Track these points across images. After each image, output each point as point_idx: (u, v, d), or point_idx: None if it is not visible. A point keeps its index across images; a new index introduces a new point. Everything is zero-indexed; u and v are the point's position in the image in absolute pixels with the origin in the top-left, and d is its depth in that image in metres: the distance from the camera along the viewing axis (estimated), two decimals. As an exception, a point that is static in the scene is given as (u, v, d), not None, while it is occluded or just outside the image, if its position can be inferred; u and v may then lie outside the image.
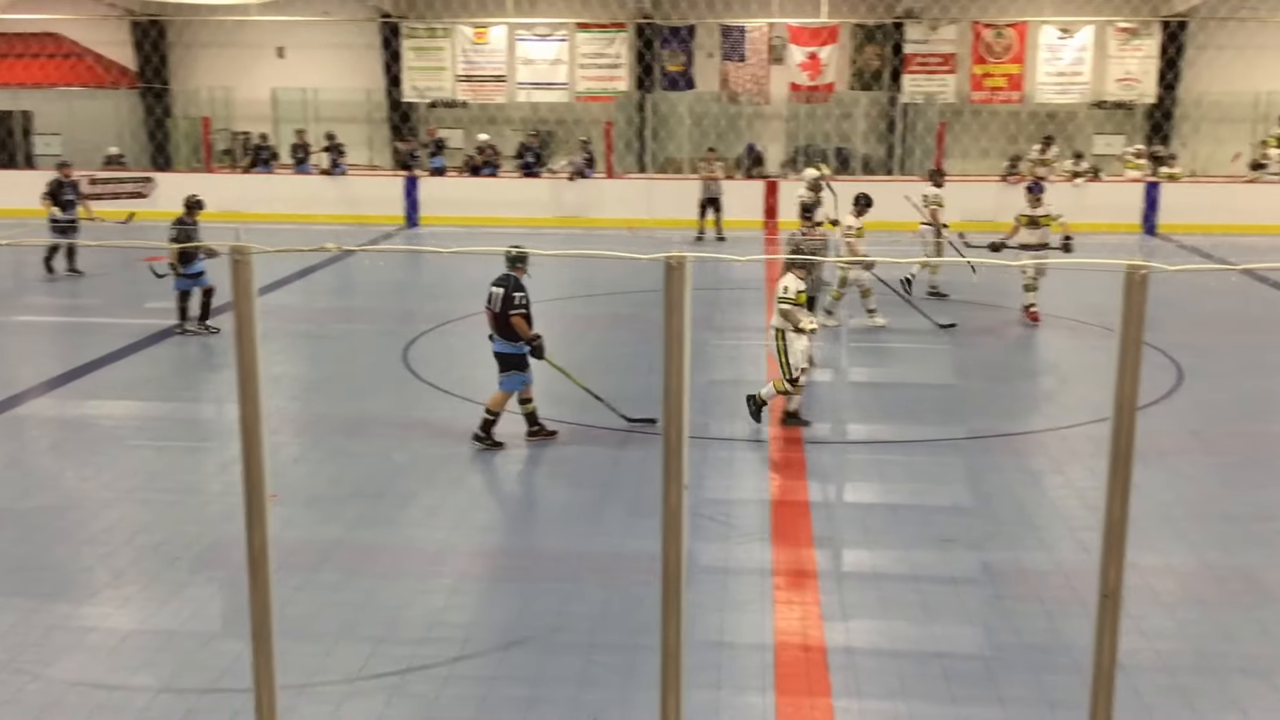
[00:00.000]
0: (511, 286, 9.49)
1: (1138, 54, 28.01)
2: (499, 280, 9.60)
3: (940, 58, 28.40)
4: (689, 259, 3.65)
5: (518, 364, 9.63)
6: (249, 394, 3.88)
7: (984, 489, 8.97)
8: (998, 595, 7.03)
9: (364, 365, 12.92)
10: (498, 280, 9.61)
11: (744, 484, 8.97)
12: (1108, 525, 3.71)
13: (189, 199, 14.22)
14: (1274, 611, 6.77)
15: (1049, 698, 5.78)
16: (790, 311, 10.06)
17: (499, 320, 9.55)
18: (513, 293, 9.47)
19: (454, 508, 8.41)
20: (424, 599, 6.90)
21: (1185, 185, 24.91)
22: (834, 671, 6.05)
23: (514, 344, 9.57)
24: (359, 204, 24.90)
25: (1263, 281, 17.58)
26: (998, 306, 16.19)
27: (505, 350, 9.62)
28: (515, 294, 9.47)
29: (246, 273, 3.83)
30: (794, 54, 28.29)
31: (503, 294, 9.50)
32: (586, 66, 28.87)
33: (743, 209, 23.86)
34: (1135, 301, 3.54)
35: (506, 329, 9.52)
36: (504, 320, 9.51)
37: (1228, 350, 13.83)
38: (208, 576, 7.25)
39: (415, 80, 29.15)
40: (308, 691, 5.81)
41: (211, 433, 10.59)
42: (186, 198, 14.26)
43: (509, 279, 9.54)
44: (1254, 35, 26.83)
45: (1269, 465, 9.60)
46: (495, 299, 9.57)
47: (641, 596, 6.80)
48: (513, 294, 9.47)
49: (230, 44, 29.35)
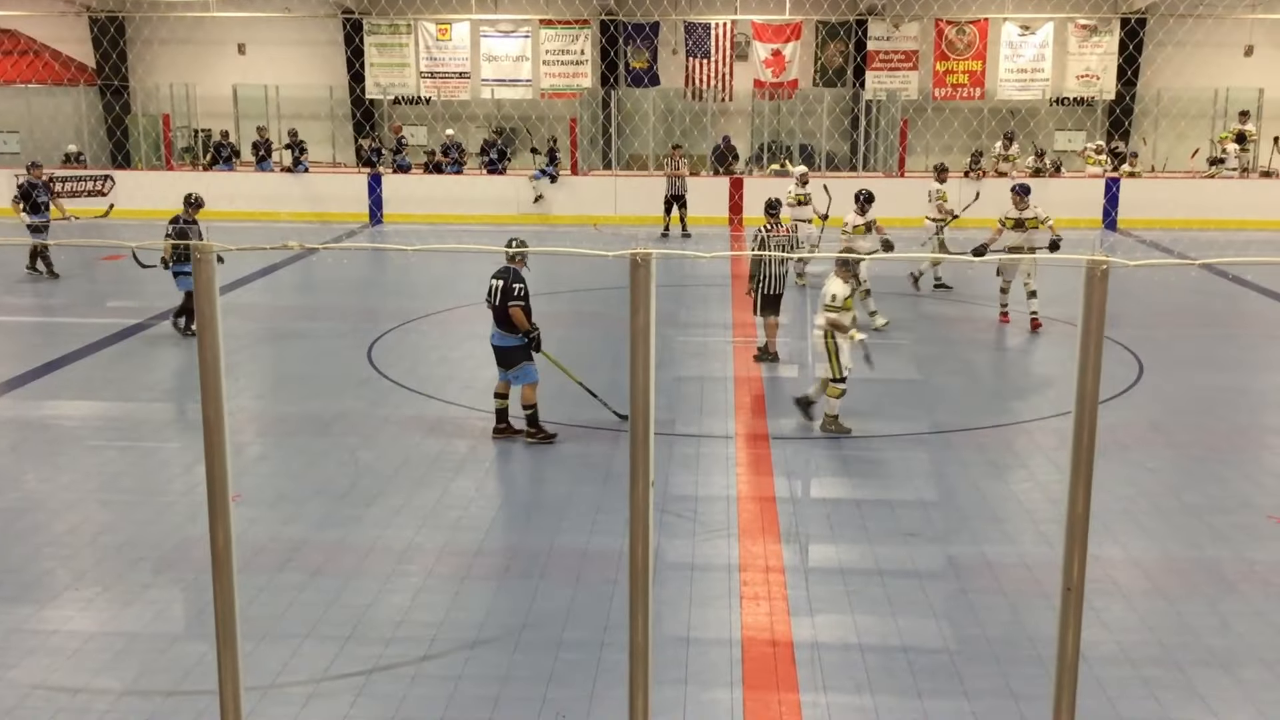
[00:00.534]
0: (511, 278, 9.51)
1: (1097, 50, 28.31)
2: (498, 273, 9.61)
3: (903, 54, 28.57)
4: (654, 255, 3.65)
5: (522, 355, 9.62)
6: (211, 393, 3.86)
7: (948, 483, 9.03)
8: (962, 589, 7.08)
9: (328, 363, 12.84)
10: (497, 273, 9.62)
11: (711, 480, 8.98)
12: (1070, 519, 3.75)
13: (189, 196, 13.90)
14: (1235, 603, 6.85)
15: (1013, 690, 5.83)
16: (836, 320, 9.85)
17: (499, 313, 9.56)
18: (512, 284, 9.49)
19: (420, 506, 8.37)
20: (390, 598, 6.87)
21: (1145, 181, 25.18)
22: (801, 666, 6.07)
23: (515, 336, 9.57)
24: (322, 201, 24.75)
25: (1222, 276, 17.79)
26: (962, 302, 16.31)
27: (507, 344, 9.63)
28: (515, 285, 9.49)
29: (208, 271, 3.80)
30: (758, 50, 28.38)
31: (502, 286, 9.52)
32: (551, 63, 28.84)
33: (708, 205, 23.89)
34: (1096, 296, 3.58)
35: (507, 321, 9.52)
36: (503, 312, 9.51)
37: (1187, 344, 13.99)
38: (171, 578, 7.18)
39: (378, 77, 29.02)
40: (273, 693, 5.77)
41: (174, 433, 10.50)
42: (187, 195, 13.95)
43: (508, 271, 9.56)
44: (1212, 32, 27.15)
45: (1229, 458, 9.72)
46: (495, 291, 9.58)
47: (609, 593, 6.81)
48: (512, 285, 9.48)
49: (191, 40, 29.09)
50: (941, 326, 15.10)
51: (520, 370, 9.65)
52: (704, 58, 28.22)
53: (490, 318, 9.71)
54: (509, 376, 9.74)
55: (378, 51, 29.00)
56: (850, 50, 28.81)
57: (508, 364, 9.68)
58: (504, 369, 9.75)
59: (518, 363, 9.64)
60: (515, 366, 9.65)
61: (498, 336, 9.67)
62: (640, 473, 3.76)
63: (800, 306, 14.92)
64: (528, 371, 9.67)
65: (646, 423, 3.75)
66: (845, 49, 28.91)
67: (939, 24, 27.97)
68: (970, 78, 28.36)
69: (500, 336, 9.66)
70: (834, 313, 9.86)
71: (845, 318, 9.92)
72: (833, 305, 9.89)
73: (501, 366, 9.76)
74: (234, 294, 16.43)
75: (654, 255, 3.66)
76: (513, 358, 9.64)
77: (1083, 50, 28.41)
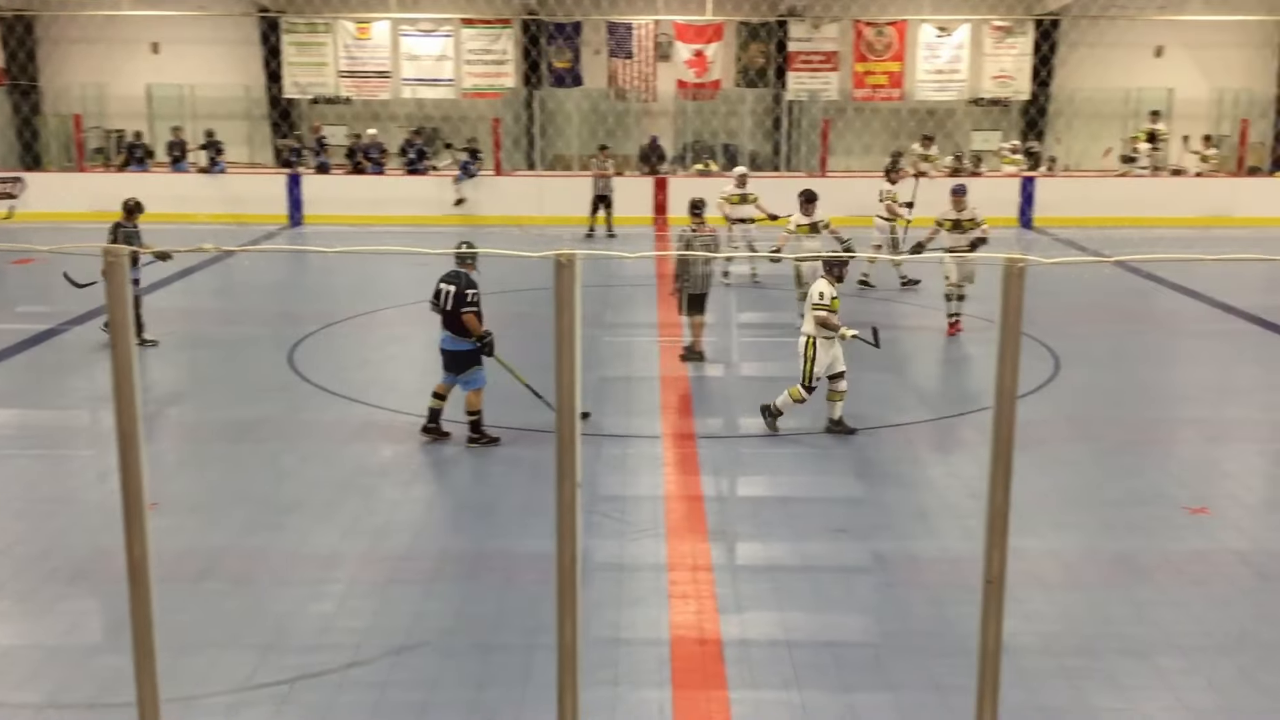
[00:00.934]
0: (464, 284, 9.38)
1: (1012, 52, 28.80)
2: (449, 277, 9.47)
3: (823, 55, 28.82)
4: (579, 256, 3.64)
5: (474, 360, 9.50)
6: (125, 400, 3.77)
7: (873, 479, 9.14)
8: (887, 583, 7.16)
9: (248, 368, 12.63)
10: (447, 277, 9.48)
11: (638, 480, 8.99)
12: (991, 512, 3.80)
13: (128, 202, 13.38)
14: (1150, 593, 7.01)
15: (937, 682, 5.90)
16: (827, 319, 9.82)
17: (450, 317, 9.43)
18: (465, 290, 9.36)
19: (345, 512, 8.27)
20: (314, 605, 6.77)
21: (1060, 180, 25.67)
22: (729, 664, 6.10)
23: (467, 340, 9.45)
24: (240, 203, 24.32)
25: (1134, 272, 18.20)
26: (886, 300, 16.50)
27: (457, 348, 9.49)
28: (468, 291, 9.36)
29: (120, 275, 3.71)
30: (680, 51, 28.45)
31: (454, 291, 9.38)
32: (473, 63, 28.64)
33: (633, 205, 23.92)
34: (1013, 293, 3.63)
35: (458, 326, 9.40)
36: (455, 317, 9.39)
37: (1102, 339, 14.29)
38: (88, 588, 7.02)
39: (296, 76, 28.59)
40: (194, 704, 5.67)
41: (88, 440, 10.25)
42: (125, 200, 13.42)
43: (460, 276, 9.42)
44: (1124, 33, 27.79)
45: (1143, 451, 9.94)
46: (446, 296, 9.43)
47: (537, 596, 6.77)
48: (465, 291, 9.35)
49: (102, 39, 28.41)
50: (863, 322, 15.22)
51: (470, 375, 9.54)
52: (626, 58, 28.23)
53: (439, 321, 9.59)
54: (457, 381, 9.61)
55: (296, 50, 28.57)
56: (771, 51, 29.00)
57: (457, 369, 9.55)
58: (452, 373, 9.61)
59: (468, 368, 9.52)
60: (465, 371, 9.53)
61: (448, 340, 9.53)
62: (567, 474, 3.74)
63: (726, 306, 15.00)
64: (478, 377, 9.57)
65: (572, 424, 3.73)
66: (766, 50, 29.10)
67: (858, 25, 28.27)
68: (889, 79, 28.68)
69: (451, 340, 9.52)
70: (823, 312, 9.83)
71: (835, 318, 9.88)
72: (821, 305, 9.85)
73: (449, 371, 9.62)
74: (148, 298, 16.06)
75: (578, 256, 3.64)
76: (463, 362, 9.52)
77: (998, 52, 28.89)
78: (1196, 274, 18.13)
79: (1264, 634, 6.50)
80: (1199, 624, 6.60)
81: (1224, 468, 9.53)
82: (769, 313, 15.88)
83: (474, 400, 9.60)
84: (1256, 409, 11.49)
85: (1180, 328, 15.40)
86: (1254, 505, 8.66)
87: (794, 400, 10.00)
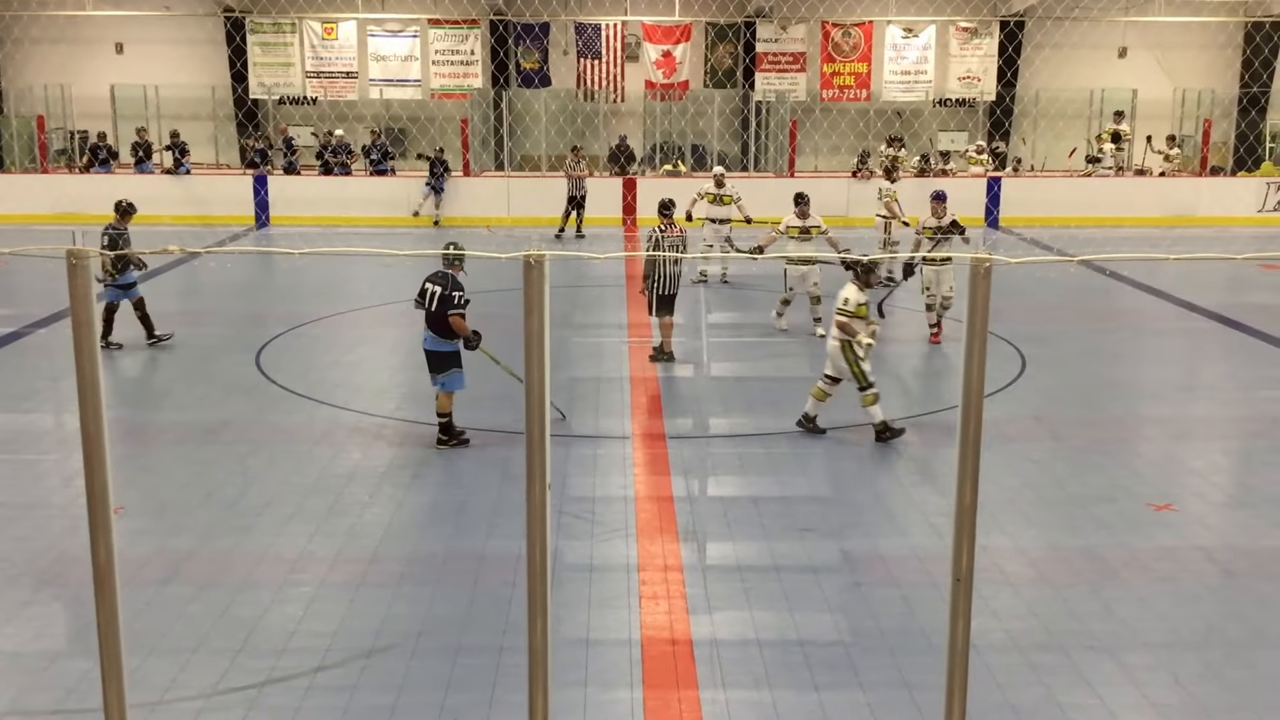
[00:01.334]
0: (451, 285, 9.30)
1: (978, 53, 29.04)
2: (436, 278, 9.40)
3: (791, 56, 28.95)
4: (547, 257, 3.64)
5: (455, 361, 9.45)
6: (90, 403, 3.74)
7: (842, 479, 9.17)
8: (856, 582, 7.19)
9: (215, 370, 12.53)
10: (434, 278, 9.41)
11: (608, 481, 8.98)
12: (958, 511, 3.83)
13: (120, 203, 13.32)
14: (1117, 590, 7.07)
15: (906, 679, 5.93)
16: (847, 324, 9.74)
17: (435, 318, 9.35)
18: (452, 292, 9.28)
19: (313, 514, 8.21)
20: (282, 609, 6.73)
21: (1025, 180, 25.87)
22: (700, 664, 6.10)
23: (450, 341, 9.38)
24: (205, 204, 24.16)
25: (1099, 272, 18.35)
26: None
27: (441, 349, 9.42)
28: (455, 293, 9.29)
29: (84, 277, 3.68)
30: (648, 52, 28.50)
31: (440, 292, 9.30)
32: (440, 63, 28.59)
33: (602, 206, 23.90)
34: (980, 293, 3.66)
35: (443, 327, 9.33)
36: (441, 319, 9.31)
37: (1068, 338, 14.40)
38: (52, 593, 6.95)
39: (262, 76, 28.45)
40: (161, 709, 5.61)
41: (52, 444, 10.14)
42: (117, 202, 13.36)
43: (446, 277, 9.35)
44: (1087, 34, 28.05)
45: (1109, 448, 10.02)
46: (431, 297, 9.36)
47: (507, 597, 6.76)
48: (452, 293, 9.28)
49: (64, 39, 28.16)
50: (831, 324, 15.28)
51: (449, 376, 9.48)
52: (595, 58, 28.26)
53: (421, 320, 9.52)
54: (438, 382, 9.53)
55: (261, 51, 28.42)
56: (739, 52, 29.10)
57: (439, 369, 9.48)
58: (434, 374, 9.54)
59: (448, 368, 9.46)
60: (445, 372, 9.46)
61: (431, 341, 9.46)
62: (537, 475, 3.74)
63: (695, 306, 15.02)
64: (457, 378, 9.51)
65: (542, 425, 3.73)
66: (734, 51, 29.20)
67: (825, 26, 28.40)
68: (856, 79, 28.85)
69: (434, 341, 9.44)
70: (844, 317, 9.77)
71: (858, 324, 9.79)
72: (844, 309, 9.79)
73: (432, 371, 9.55)
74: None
75: (547, 257, 3.64)
76: (444, 363, 9.45)
77: (964, 53, 29.12)
78: (1160, 273, 18.31)
79: (1230, 630, 6.57)
80: (1165, 620, 6.66)
81: (1189, 465, 9.62)
82: (739, 313, 15.92)
83: (445, 402, 9.57)
84: (1220, 406, 11.61)
85: (1144, 326, 15.55)
86: (1219, 502, 8.75)
87: (872, 406, 9.82)
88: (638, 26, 28.45)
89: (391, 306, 15.90)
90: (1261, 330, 14.45)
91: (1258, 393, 11.93)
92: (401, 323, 10.00)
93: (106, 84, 28.88)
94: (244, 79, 28.40)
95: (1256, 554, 7.70)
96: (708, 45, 29.12)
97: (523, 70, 28.88)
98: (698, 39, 28.84)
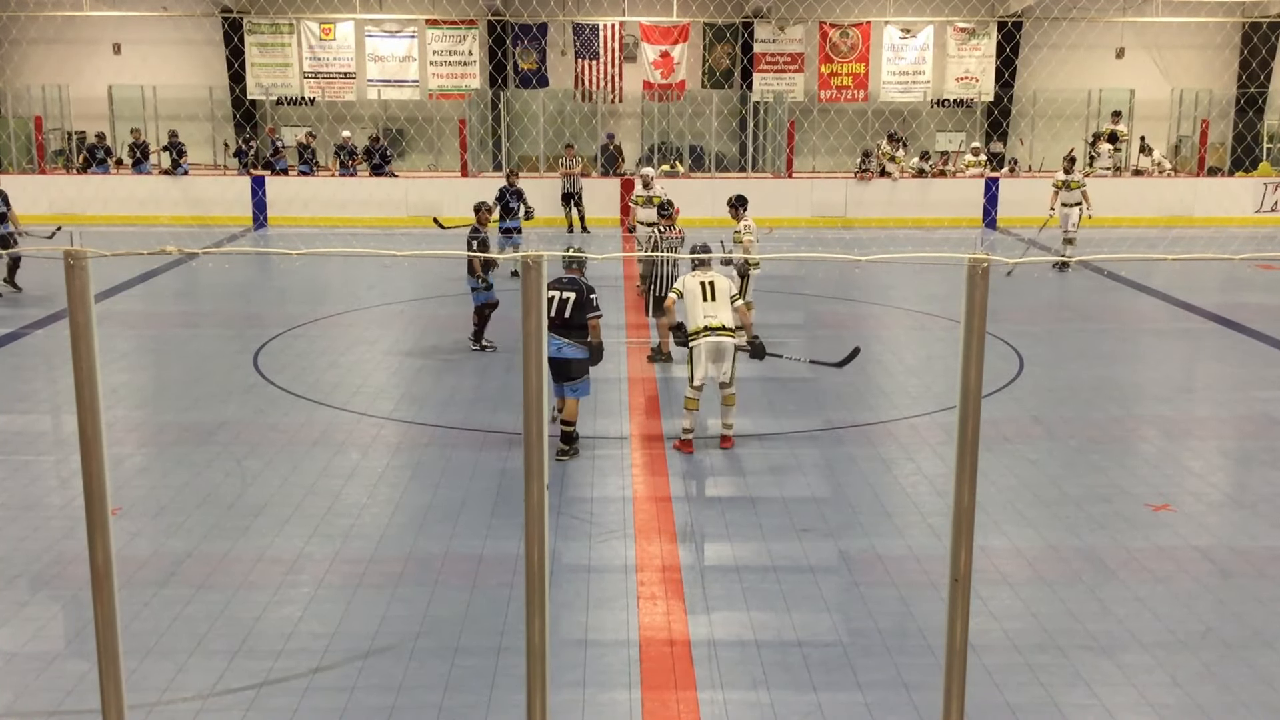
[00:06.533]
0: (584, 291, 9.15)
1: (976, 53, 29.06)
2: (565, 284, 9.21)
3: (789, 57, 28.96)
4: (544, 257, 3.64)
5: (587, 367, 9.28)
6: (87, 404, 3.73)
7: (840, 479, 9.17)
8: (854, 582, 7.19)
9: (213, 371, 12.52)
10: (561, 284, 9.21)
11: (606, 481, 8.98)
12: (957, 511, 3.83)
13: None
14: (1114, 590, 7.07)
15: (905, 680, 5.93)
16: None
17: (570, 325, 9.13)
18: (588, 295, 9.15)
19: (311, 515, 8.21)
20: (280, 610, 6.72)
21: (1023, 180, 25.88)
22: (698, 664, 6.10)
23: (583, 348, 9.19)
24: (203, 205, 24.17)
25: (1097, 272, 18.37)
26: (849, 300, 16.57)
27: (577, 355, 9.18)
28: (592, 296, 9.16)
29: (82, 278, 3.68)
30: (646, 52, 28.51)
31: (574, 299, 9.14)
32: (438, 64, 28.59)
33: (599, 206, 23.91)
34: (978, 293, 3.66)
35: (578, 332, 9.14)
36: (576, 325, 9.13)
37: (1065, 338, 14.41)
38: (50, 595, 6.93)
39: (260, 77, 28.45)
40: (158, 710, 5.61)
41: (50, 445, 10.14)
42: None
43: (576, 283, 9.21)
44: (1085, 35, 28.07)
45: (1106, 449, 10.03)
46: (564, 304, 9.14)
47: (505, 597, 6.76)
48: (589, 297, 9.14)
49: (62, 40, 28.14)
50: (830, 324, 15.32)
51: (583, 382, 9.30)
52: (593, 59, 28.26)
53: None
54: (570, 390, 9.28)
55: (259, 51, 28.41)
56: (737, 52, 29.10)
57: (574, 375, 9.24)
58: (562, 382, 9.26)
59: (580, 375, 9.28)
60: (580, 378, 9.28)
61: (568, 349, 9.14)
62: (535, 475, 3.74)
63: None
64: (586, 385, 9.35)
65: (540, 425, 3.73)
66: (732, 51, 29.20)
67: (823, 27, 28.41)
68: (854, 80, 28.86)
69: (571, 348, 9.14)
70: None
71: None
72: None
73: (560, 379, 9.26)
74: (111, 301, 15.95)
75: (544, 257, 3.64)
76: (576, 369, 9.25)
77: (961, 53, 29.13)
78: (1157, 273, 18.33)
79: (1227, 630, 6.57)
80: (1163, 620, 6.66)
81: (1186, 465, 9.63)
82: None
83: (574, 409, 9.38)
84: (1218, 406, 11.62)
85: (1142, 326, 15.56)
86: (1217, 502, 8.76)
87: None
88: (636, 27, 28.46)
89: (387, 308, 15.91)
90: (1259, 330, 14.46)
91: (1255, 393, 11.93)
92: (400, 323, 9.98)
93: (104, 84, 28.87)
94: (242, 79, 28.40)
95: (1254, 554, 7.71)
96: (706, 46, 29.12)
97: (521, 71, 28.88)
98: (695, 39, 28.85)
